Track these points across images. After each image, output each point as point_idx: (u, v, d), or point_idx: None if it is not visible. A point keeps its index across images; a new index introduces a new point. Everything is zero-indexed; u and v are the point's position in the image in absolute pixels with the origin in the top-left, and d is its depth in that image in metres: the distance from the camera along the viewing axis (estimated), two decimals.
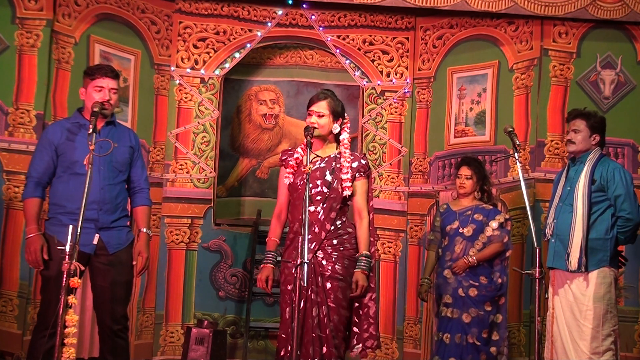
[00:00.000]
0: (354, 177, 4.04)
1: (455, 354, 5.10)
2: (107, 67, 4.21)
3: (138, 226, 4.24)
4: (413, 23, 6.52)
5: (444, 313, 5.21)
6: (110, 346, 4.09)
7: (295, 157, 4.06)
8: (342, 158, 4.05)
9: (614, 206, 4.51)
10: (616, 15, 5.85)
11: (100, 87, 4.06)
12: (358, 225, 4.06)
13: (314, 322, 3.86)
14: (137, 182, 4.27)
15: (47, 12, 5.57)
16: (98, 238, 4.02)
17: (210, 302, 6.15)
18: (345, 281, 3.95)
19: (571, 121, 4.67)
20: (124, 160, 4.19)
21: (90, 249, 4.01)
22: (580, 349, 4.44)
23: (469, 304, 5.12)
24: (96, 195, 4.00)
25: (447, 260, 5.26)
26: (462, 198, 5.40)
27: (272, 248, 4.06)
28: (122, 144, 4.15)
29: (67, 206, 3.99)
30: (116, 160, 4.13)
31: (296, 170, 4.05)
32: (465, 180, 5.34)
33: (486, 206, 5.34)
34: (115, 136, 4.11)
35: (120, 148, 4.10)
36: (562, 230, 4.55)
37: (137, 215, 4.27)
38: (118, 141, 4.04)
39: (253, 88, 6.77)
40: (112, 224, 4.09)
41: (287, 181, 4.04)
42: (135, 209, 4.28)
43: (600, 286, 4.46)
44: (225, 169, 6.63)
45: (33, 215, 4.01)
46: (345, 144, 4.09)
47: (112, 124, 4.21)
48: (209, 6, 6.34)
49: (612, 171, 4.54)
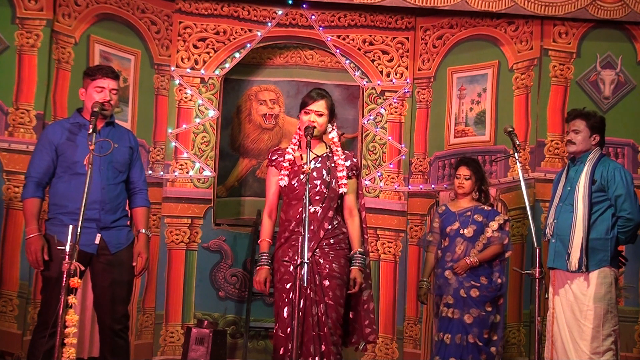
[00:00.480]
0: (348, 175, 4.09)
1: (455, 354, 5.10)
2: (107, 67, 4.22)
3: (137, 227, 4.25)
4: (413, 23, 6.52)
5: (444, 313, 5.20)
6: (110, 346, 4.10)
7: (288, 158, 4.06)
8: (336, 156, 4.09)
9: (615, 206, 4.51)
10: (616, 15, 5.85)
11: (101, 87, 4.07)
12: (350, 223, 4.11)
13: (313, 321, 3.88)
14: (136, 183, 4.29)
15: (47, 12, 5.57)
16: (100, 238, 4.04)
17: (210, 302, 6.15)
18: (342, 279, 4.00)
19: (571, 121, 4.67)
20: (124, 161, 4.20)
21: (92, 249, 4.02)
22: (580, 348, 4.44)
23: (471, 305, 5.12)
24: (97, 195, 4.01)
25: (447, 261, 5.25)
26: (460, 199, 5.39)
27: (267, 249, 4.08)
28: (122, 145, 4.16)
29: (68, 206, 3.99)
30: (116, 161, 4.14)
31: (290, 171, 4.06)
32: (464, 180, 5.33)
33: (485, 207, 5.34)
34: (115, 137, 4.11)
35: (120, 148, 4.11)
36: (563, 230, 4.55)
37: (136, 216, 4.28)
38: (118, 141, 4.04)
39: (253, 88, 6.77)
40: (112, 224, 4.10)
41: (282, 183, 4.05)
42: (134, 210, 4.29)
43: (600, 286, 4.46)
44: (225, 169, 6.63)
45: (33, 215, 4.02)
46: (335, 142, 4.14)
47: (112, 124, 4.22)
48: (209, 6, 6.34)
49: (613, 171, 4.54)
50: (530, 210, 4.00)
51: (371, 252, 6.32)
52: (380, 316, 6.23)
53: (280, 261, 4.03)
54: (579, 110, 4.74)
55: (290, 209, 4.05)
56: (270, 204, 4.15)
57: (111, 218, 4.09)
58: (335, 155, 4.10)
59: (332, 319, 3.90)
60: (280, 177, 4.06)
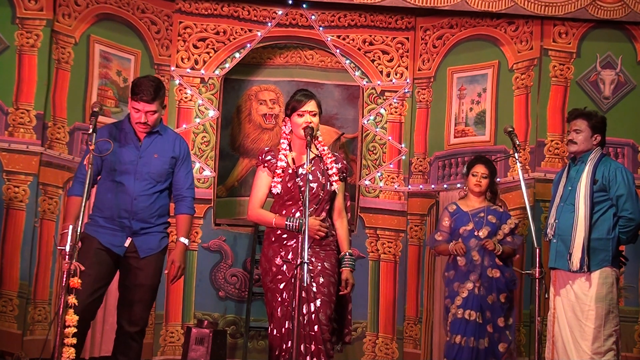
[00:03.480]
0: (340, 178, 4.11)
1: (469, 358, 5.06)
2: (145, 89, 4.04)
3: (177, 234, 4.25)
4: (413, 23, 6.52)
5: (460, 315, 5.13)
6: (122, 347, 4.14)
7: (281, 165, 4.06)
8: (326, 157, 4.12)
9: (616, 206, 4.51)
10: (616, 15, 5.85)
11: (137, 109, 4.07)
12: (339, 224, 4.13)
13: (304, 320, 3.88)
14: (179, 190, 4.26)
15: (47, 12, 5.57)
16: (130, 241, 4.09)
17: (210, 302, 6.15)
18: (334, 278, 4.02)
19: (572, 121, 4.67)
20: (162, 171, 4.18)
21: (120, 250, 4.09)
22: (582, 349, 4.44)
23: (496, 287, 5.10)
24: (128, 206, 4.07)
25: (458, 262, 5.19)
26: (471, 198, 5.34)
27: (285, 218, 4.00)
28: (163, 155, 4.16)
29: (103, 211, 4.10)
30: (153, 171, 4.14)
31: (284, 174, 4.05)
32: (481, 178, 5.27)
33: (497, 208, 5.34)
34: (158, 145, 4.15)
35: (159, 159, 4.13)
36: (564, 230, 4.55)
37: (177, 223, 4.28)
38: (160, 151, 4.12)
39: (253, 88, 6.77)
40: (142, 231, 4.12)
41: (276, 191, 4.06)
42: (176, 217, 4.29)
43: (602, 286, 4.46)
44: (225, 169, 6.63)
45: (71, 213, 4.03)
46: (322, 142, 4.17)
47: (157, 132, 4.20)
48: (209, 6, 6.34)
49: (614, 171, 4.54)
50: (530, 210, 4.00)
51: (371, 252, 6.33)
52: (380, 316, 6.24)
53: (272, 261, 4.02)
54: (580, 110, 4.74)
55: (283, 209, 4.06)
56: (260, 202, 4.13)
57: (142, 225, 4.12)
58: (324, 157, 4.13)
59: (325, 316, 3.91)
60: (273, 184, 4.07)
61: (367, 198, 6.38)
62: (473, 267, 5.14)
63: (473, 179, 5.30)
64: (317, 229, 3.96)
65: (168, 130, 4.31)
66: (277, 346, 3.94)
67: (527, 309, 5.67)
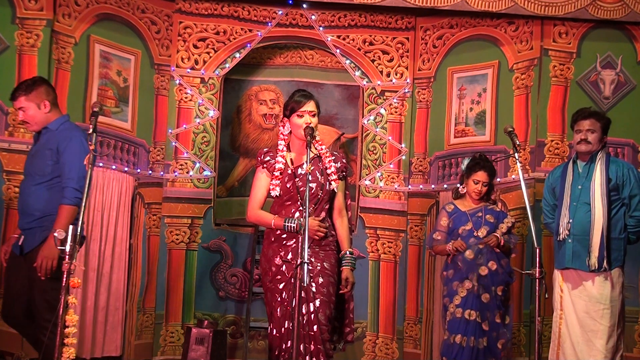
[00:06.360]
0: (339, 177, 4.11)
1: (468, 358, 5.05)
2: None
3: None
4: (413, 23, 6.52)
5: (458, 314, 5.11)
6: None
7: (279, 167, 4.06)
8: (325, 157, 4.11)
9: (628, 206, 4.51)
10: (616, 15, 5.85)
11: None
12: (339, 223, 4.13)
13: (303, 320, 3.88)
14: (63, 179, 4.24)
15: (47, 12, 5.57)
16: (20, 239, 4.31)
17: (210, 302, 6.16)
18: (334, 277, 4.02)
19: (583, 121, 4.62)
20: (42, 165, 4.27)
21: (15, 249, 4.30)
22: (595, 347, 4.43)
23: (492, 281, 5.10)
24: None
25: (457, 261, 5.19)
26: (469, 198, 5.33)
27: (284, 219, 3.99)
28: (45, 148, 4.28)
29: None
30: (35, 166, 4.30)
31: (282, 175, 4.05)
32: (482, 187, 5.25)
33: (494, 207, 5.33)
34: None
35: (41, 152, 4.27)
36: (580, 230, 4.52)
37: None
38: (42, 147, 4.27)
39: (253, 88, 6.77)
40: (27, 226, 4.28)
41: (274, 193, 4.04)
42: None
43: (616, 286, 4.49)
44: (225, 169, 6.63)
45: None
46: (320, 142, 4.17)
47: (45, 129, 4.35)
48: (209, 6, 6.34)
49: (627, 171, 4.56)
50: (531, 211, 3.99)
51: (371, 252, 6.33)
52: (380, 316, 6.24)
53: (271, 261, 4.02)
54: (592, 109, 4.73)
55: (282, 209, 4.05)
56: (259, 203, 4.12)
57: (26, 221, 4.33)
58: (323, 156, 4.12)
59: (324, 316, 3.91)
60: (272, 186, 4.06)
61: (367, 198, 6.38)
62: (472, 267, 5.14)
63: (474, 186, 5.25)
64: (316, 230, 3.96)
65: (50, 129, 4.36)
66: (276, 346, 3.95)
67: (527, 309, 5.67)
